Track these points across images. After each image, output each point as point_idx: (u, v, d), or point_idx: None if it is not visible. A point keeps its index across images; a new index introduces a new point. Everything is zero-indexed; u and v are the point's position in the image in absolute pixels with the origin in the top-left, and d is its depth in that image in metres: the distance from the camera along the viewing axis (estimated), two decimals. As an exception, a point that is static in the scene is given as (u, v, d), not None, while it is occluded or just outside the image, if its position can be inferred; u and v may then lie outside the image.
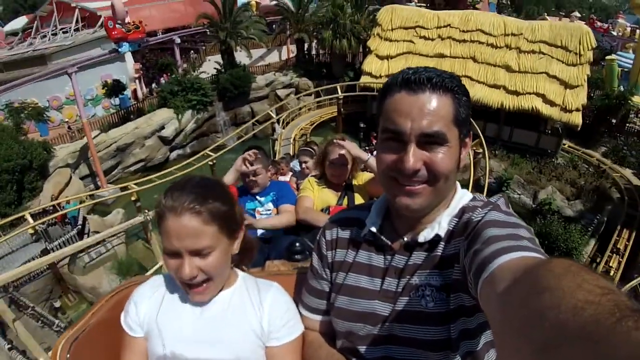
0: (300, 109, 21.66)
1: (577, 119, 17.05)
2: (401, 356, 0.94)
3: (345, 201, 2.75)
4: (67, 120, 20.36)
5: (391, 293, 0.98)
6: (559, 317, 0.41)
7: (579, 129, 17.39)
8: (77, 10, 24.60)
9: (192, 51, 26.74)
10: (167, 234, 1.00)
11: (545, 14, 37.19)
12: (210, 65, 23.76)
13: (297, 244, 2.13)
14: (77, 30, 24.53)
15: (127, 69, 22.39)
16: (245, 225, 1.51)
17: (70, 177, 16.44)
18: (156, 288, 1.15)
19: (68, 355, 1.04)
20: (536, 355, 0.42)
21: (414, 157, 0.88)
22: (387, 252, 1.02)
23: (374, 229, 1.05)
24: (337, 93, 20.86)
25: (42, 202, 14.08)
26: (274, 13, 27.85)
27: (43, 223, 12.08)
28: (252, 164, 2.82)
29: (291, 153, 14.66)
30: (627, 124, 19.77)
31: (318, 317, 1.16)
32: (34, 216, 12.65)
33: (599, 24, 33.72)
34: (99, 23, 23.24)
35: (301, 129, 19.91)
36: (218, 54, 23.49)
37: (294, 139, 18.08)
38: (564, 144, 18.59)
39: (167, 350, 1.06)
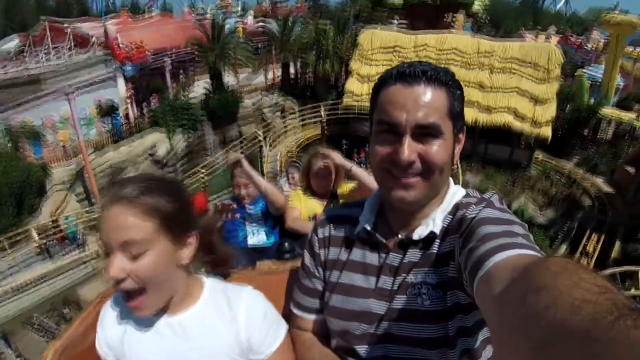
0: (285, 129, 22.41)
1: (546, 132, 18.02)
2: (398, 355, 0.93)
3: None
4: (61, 140, 21.01)
5: (386, 291, 0.96)
6: (557, 316, 0.41)
7: (549, 141, 18.35)
8: (69, 31, 25.16)
9: (181, 74, 27.59)
10: (100, 229, 0.92)
11: (523, 29, 38.33)
12: (200, 87, 24.53)
13: (286, 244, 2.22)
14: (70, 50, 24.99)
15: (119, 91, 23.07)
16: (236, 162, 1.83)
17: (66, 197, 16.97)
18: (122, 306, 1.02)
19: None
20: (534, 354, 0.42)
21: (409, 148, 0.88)
22: (382, 250, 1.01)
23: (367, 227, 1.03)
24: (321, 113, 21.69)
25: (41, 220, 14.66)
26: (259, 36, 28.89)
27: (45, 240, 12.70)
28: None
29: (277, 172, 15.41)
30: (599, 135, 20.74)
31: (311, 316, 1.13)
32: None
33: (573, 39, 35.06)
34: (90, 45, 23.95)
35: (287, 148, 20.67)
36: (207, 75, 24.33)
37: (280, 158, 18.85)
38: (537, 156, 19.54)
39: None
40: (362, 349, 0.98)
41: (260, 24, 30.31)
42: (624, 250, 13.57)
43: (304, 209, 2.92)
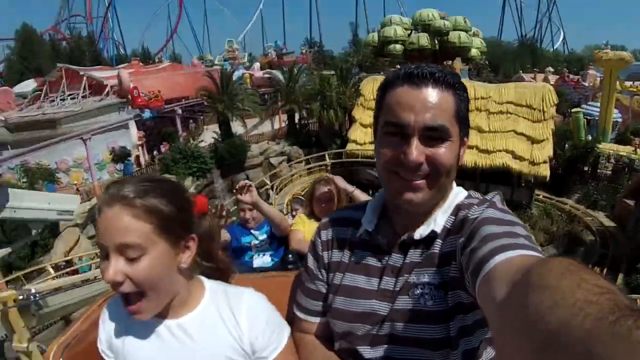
0: (292, 176, 22.90)
1: (544, 171, 18.46)
2: (401, 356, 0.92)
3: None
4: (75, 182, 21.64)
5: (389, 292, 0.96)
6: (558, 317, 0.41)
7: (547, 180, 18.74)
8: (84, 78, 26.32)
9: (191, 121, 28.59)
10: (97, 231, 0.89)
11: (521, 72, 39.41)
12: (209, 135, 25.39)
13: (290, 255, 2.36)
14: (84, 97, 26.06)
15: (131, 137, 23.98)
16: (245, 197, 1.99)
17: (79, 238, 17.27)
18: (121, 312, 0.98)
19: (62, 357, 1.01)
20: (536, 355, 0.42)
21: (417, 150, 0.88)
22: (384, 252, 1.01)
23: (369, 228, 1.03)
24: (326, 160, 22.36)
25: (54, 258, 14.87)
26: (266, 85, 30.21)
27: (60, 276, 13.10)
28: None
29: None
30: (598, 170, 21.06)
31: (313, 319, 1.12)
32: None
33: (570, 77, 36.10)
34: (105, 92, 25.28)
35: (293, 194, 20.97)
36: (216, 124, 25.19)
37: (287, 205, 19.17)
38: (538, 195, 19.87)
39: None
40: (365, 351, 0.97)
41: (267, 74, 31.60)
42: (627, 283, 13.63)
43: (307, 232, 2.94)
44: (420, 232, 0.96)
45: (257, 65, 40.93)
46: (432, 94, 0.89)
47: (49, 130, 22.47)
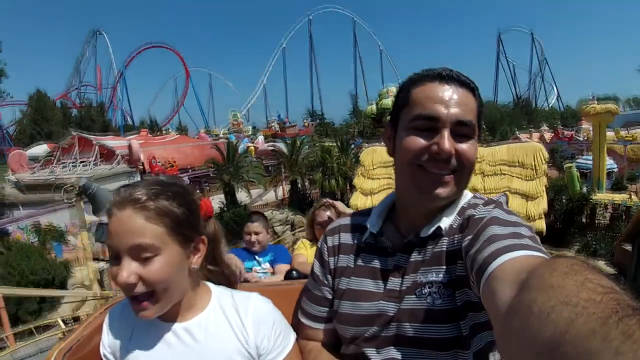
0: (294, 243, 22.94)
1: (541, 225, 18.56)
2: (409, 357, 0.91)
3: None
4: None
5: (395, 292, 0.95)
6: (563, 316, 0.41)
7: (544, 234, 18.91)
8: (96, 146, 27.54)
9: (198, 190, 29.24)
10: (108, 233, 0.89)
11: (517, 132, 40.23)
12: (215, 203, 25.66)
13: (294, 272, 2.35)
14: (95, 164, 27.13)
15: None
16: (244, 281, 1.85)
17: (86, 298, 17.10)
18: (127, 312, 0.98)
19: None
20: (541, 354, 0.42)
21: (449, 141, 0.89)
22: (389, 253, 1.01)
23: (374, 231, 1.03)
24: (329, 227, 22.75)
25: (60, 315, 14.94)
26: (269, 155, 31.20)
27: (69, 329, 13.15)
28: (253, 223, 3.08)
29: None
30: (596, 220, 21.22)
31: (319, 325, 1.12)
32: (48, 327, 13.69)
33: (565, 133, 36.90)
34: (116, 160, 26.44)
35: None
36: (221, 193, 25.63)
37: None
38: (539, 249, 19.97)
39: None
40: (372, 353, 0.96)
41: (270, 146, 32.85)
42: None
43: (309, 257, 2.94)
44: (426, 230, 0.96)
45: (261, 137, 42.58)
46: (459, 92, 0.92)
47: (59, 192, 23.20)
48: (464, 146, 0.92)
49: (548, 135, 36.82)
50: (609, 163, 23.90)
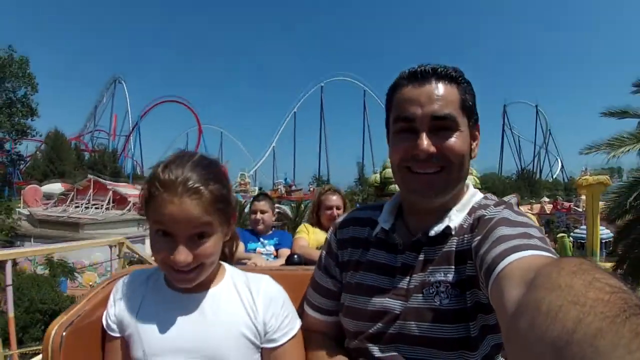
0: None
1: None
2: (412, 356, 0.90)
3: None
4: (90, 283, 21.68)
5: (403, 290, 0.95)
6: (571, 315, 0.41)
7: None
8: (110, 191, 28.46)
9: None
10: (161, 215, 0.90)
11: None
12: None
13: (295, 256, 2.40)
14: (108, 208, 27.86)
15: (145, 250, 24.69)
16: (249, 263, 2.13)
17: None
18: (137, 284, 1.05)
19: (63, 337, 0.99)
20: (549, 353, 0.42)
21: (426, 140, 0.90)
22: (399, 250, 1.00)
23: (386, 227, 1.03)
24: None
25: None
26: (275, 217, 31.41)
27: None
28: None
29: None
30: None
31: (322, 317, 1.13)
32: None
33: (563, 204, 37.41)
34: (128, 207, 27.10)
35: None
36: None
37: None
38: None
39: (147, 357, 0.96)
40: (375, 349, 0.95)
41: (276, 209, 33.23)
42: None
43: (311, 239, 3.00)
44: (435, 230, 0.95)
45: (267, 198, 42.56)
46: (436, 87, 0.92)
47: (70, 230, 24.00)
48: (446, 141, 0.91)
49: (548, 207, 37.29)
50: (605, 232, 24.33)
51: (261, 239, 3.23)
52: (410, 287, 0.94)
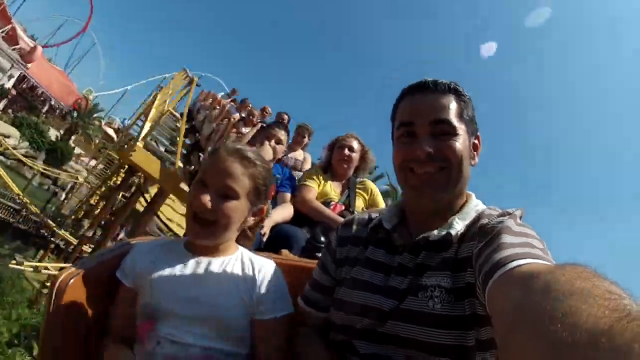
0: None
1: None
2: (400, 357, 0.89)
3: (345, 199, 2.67)
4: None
5: (396, 290, 0.94)
6: (570, 320, 0.42)
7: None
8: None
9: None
10: (207, 167, 1.11)
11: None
12: None
13: (323, 237, 2.07)
14: None
15: None
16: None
17: None
18: (154, 247, 1.16)
19: (68, 284, 1.03)
20: (547, 356, 0.42)
21: (425, 142, 0.95)
22: (398, 251, 1.01)
23: (388, 227, 1.05)
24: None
25: None
26: None
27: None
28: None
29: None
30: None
31: (313, 312, 1.15)
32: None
33: None
34: None
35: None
36: None
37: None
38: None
39: (159, 304, 1.04)
40: (360, 345, 0.94)
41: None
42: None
43: (319, 193, 2.67)
44: (436, 235, 0.95)
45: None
46: (436, 97, 0.99)
47: None
48: (445, 143, 0.96)
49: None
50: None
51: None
52: (404, 288, 0.94)
